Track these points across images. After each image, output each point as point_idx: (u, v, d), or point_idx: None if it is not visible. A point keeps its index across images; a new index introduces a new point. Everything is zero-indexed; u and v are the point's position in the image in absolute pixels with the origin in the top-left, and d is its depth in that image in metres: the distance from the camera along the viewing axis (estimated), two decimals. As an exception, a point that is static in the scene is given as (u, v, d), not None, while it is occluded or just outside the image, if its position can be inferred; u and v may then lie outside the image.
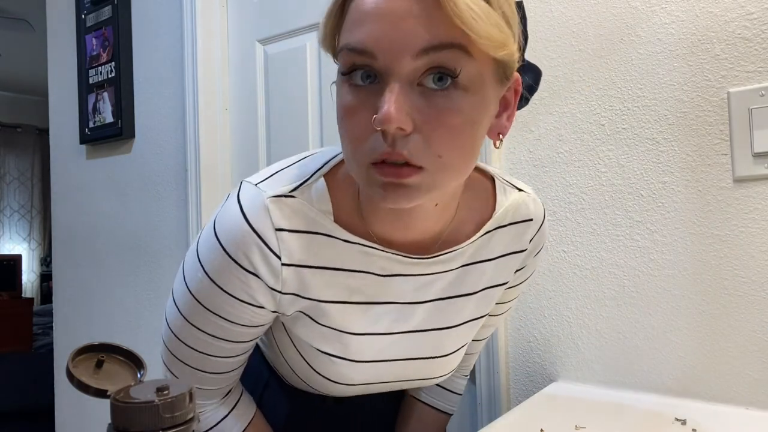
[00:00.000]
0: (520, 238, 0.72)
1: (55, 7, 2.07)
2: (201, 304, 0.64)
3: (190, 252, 0.66)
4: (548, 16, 1.10)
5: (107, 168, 1.90)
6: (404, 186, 0.51)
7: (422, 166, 0.51)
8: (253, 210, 0.60)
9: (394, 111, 0.48)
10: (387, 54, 0.49)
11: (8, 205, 5.90)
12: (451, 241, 0.67)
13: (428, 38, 0.48)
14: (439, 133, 0.50)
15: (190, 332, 0.66)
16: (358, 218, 0.64)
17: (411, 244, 0.65)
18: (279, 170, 0.64)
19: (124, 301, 1.84)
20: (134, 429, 0.37)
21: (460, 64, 0.49)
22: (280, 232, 0.60)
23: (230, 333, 0.66)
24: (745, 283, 0.92)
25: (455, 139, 0.51)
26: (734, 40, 0.93)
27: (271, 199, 0.60)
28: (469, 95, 0.51)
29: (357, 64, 0.51)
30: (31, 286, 6.00)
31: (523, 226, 0.72)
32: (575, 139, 1.07)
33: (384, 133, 0.50)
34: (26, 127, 5.97)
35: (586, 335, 1.06)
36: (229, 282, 0.61)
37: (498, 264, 0.72)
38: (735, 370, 0.93)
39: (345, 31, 0.52)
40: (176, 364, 0.70)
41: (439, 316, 0.71)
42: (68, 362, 0.43)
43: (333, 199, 0.63)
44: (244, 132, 1.64)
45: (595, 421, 0.85)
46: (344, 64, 0.52)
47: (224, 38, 1.67)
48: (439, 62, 0.49)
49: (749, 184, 0.92)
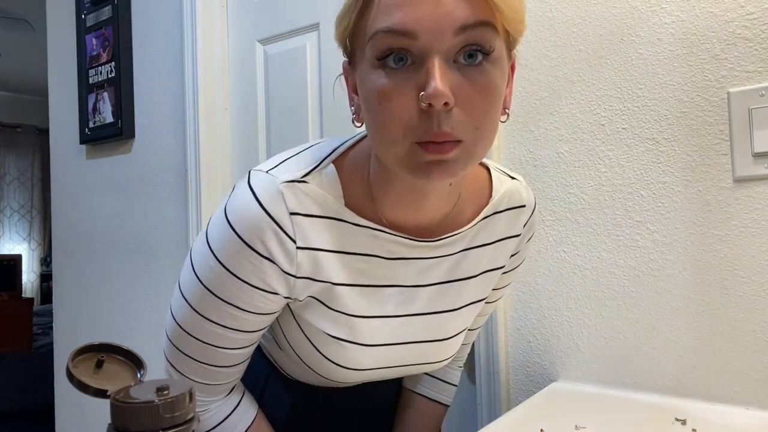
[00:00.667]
0: (515, 223, 0.76)
1: (55, 7, 2.07)
2: (212, 293, 0.64)
3: (198, 242, 0.66)
4: (548, 16, 1.10)
5: (107, 168, 1.90)
6: (447, 161, 0.54)
7: (461, 140, 0.53)
8: (267, 195, 0.61)
9: (441, 86, 0.50)
10: (429, 33, 0.51)
11: (8, 205, 5.90)
12: (453, 225, 0.70)
13: (465, 16, 0.51)
14: (476, 106, 0.53)
15: (200, 324, 0.66)
16: (367, 202, 0.66)
17: (418, 227, 0.68)
18: (288, 158, 0.66)
19: (124, 301, 1.84)
20: (134, 429, 0.37)
21: (491, 41, 0.53)
22: (295, 216, 0.62)
23: (241, 322, 0.66)
24: (745, 283, 0.92)
25: (489, 110, 0.54)
26: (734, 40, 0.93)
27: (284, 184, 0.61)
28: (496, 69, 0.54)
29: (394, 47, 0.52)
30: (31, 286, 6.00)
31: (517, 211, 0.76)
32: (575, 139, 1.08)
33: (428, 111, 0.52)
34: (26, 127, 5.97)
35: (586, 335, 1.06)
36: (243, 268, 0.62)
37: (496, 248, 0.76)
38: (735, 370, 0.93)
39: (378, 16, 0.54)
40: (181, 359, 0.69)
41: (442, 299, 0.73)
42: (68, 362, 0.43)
43: (343, 184, 0.65)
44: (244, 132, 1.64)
45: (595, 421, 0.85)
46: (378, 48, 0.53)
47: (224, 38, 1.67)
48: (474, 39, 0.52)
49: (749, 184, 0.92)
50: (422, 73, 0.52)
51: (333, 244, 0.65)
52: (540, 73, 1.11)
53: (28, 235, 6.00)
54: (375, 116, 0.55)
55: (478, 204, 0.72)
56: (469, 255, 0.73)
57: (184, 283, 0.67)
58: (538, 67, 1.11)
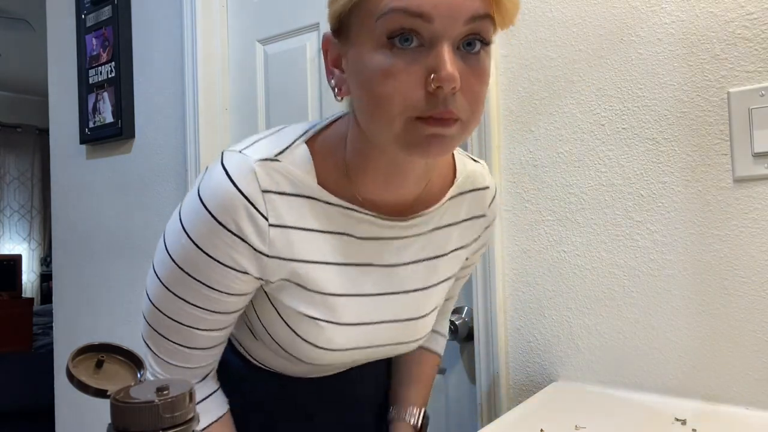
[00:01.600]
0: (479, 203, 0.80)
1: (55, 7, 2.07)
2: (183, 271, 0.64)
3: (171, 221, 0.67)
4: (548, 16, 1.10)
5: (107, 168, 1.90)
6: (446, 136, 0.56)
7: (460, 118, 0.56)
8: (240, 173, 0.62)
9: (452, 70, 0.53)
10: (444, 18, 0.53)
11: (8, 205, 5.89)
12: (422, 205, 0.72)
13: (476, 7, 0.54)
14: (474, 91, 0.57)
15: (173, 302, 0.67)
16: (341, 182, 0.67)
17: (392, 206, 0.70)
18: (259, 139, 0.67)
19: (124, 301, 1.84)
20: (134, 429, 0.37)
21: (491, 33, 0.57)
22: (267, 194, 0.63)
23: (212, 302, 0.66)
24: (745, 283, 0.92)
25: (482, 94, 0.58)
26: (734, 40, 0.93)
27: (257, 163, 0.63)
28: (489, 58, 0.58)
29: (405, 27, 0.54)
30: (31, 286, 6.00)
31: (481, 193, 0.80)
32: (575, 139, 1.07)
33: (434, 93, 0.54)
34: (26, 127, 5.97)
35: (586, 335, 1.06)
36: (215, 246, 0.62)
37: (463, 227, 0.79)
38: (735, 370, 0.93)
39: None
40: (156, 339, 0.70)
41: (416, 277, 0.75)
42: (68, 362, 0.43)
43: (316, 164, 0.66)
44: (244, 132, 1.64)
45: (595, 421, 0.85)
46: (389, 27, 0.54)
47: (224, 38, 1.67)
48: (478, 29, 0.55)
49: (749, 184, 0.92)
50: (431, 56, 0.54)
51: (305, 221, 0.66)
52: (540, 73, 1.11)
53: (28, 235, 6.00)
54: (375, 93, 0.56)
55: (443, 184, 0.75)
56: (438, 234, 0.76)
57: (157, 263, 0.68)
58: (538, 67, 1.11)
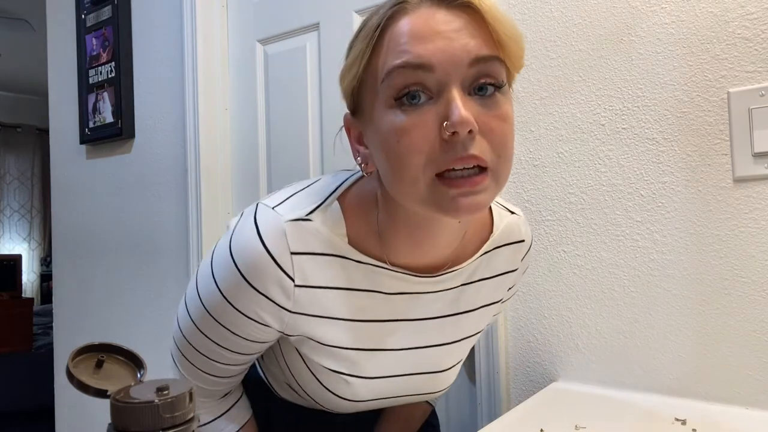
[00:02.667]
0: (513, 257, 0.77)
1: (55, 7, 2.07)
2: (210, 315, 0.66)
3: (203, 263, 0.68)
4: (548, 16, 1.10)
5: (107, 168, 1.90)
6: (477, 193, 0.53)
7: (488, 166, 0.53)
8: (270, 234, 0.62)
9: (465, 113, 0.51)
10: (446, 64, 0.52)
11: (8, 205, 5.89)
12: (456, 260, 0.70)
13: (478, 49, 0.53)
14: (495, 135, 0.54)
15: (198, 337, 0.70)
16: (371, 240, 0.66)
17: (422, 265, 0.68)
18: (293, 194, 0.67)
19: (124, 300, 1.84)
20: (134, 429, 0.37)
21: (501, 74, 0.55)
22: (296, 255, 0.63)
23: (235, 344, 0.69)
24: (745, 283, 0.92)
25: (507, 139, 0.55)
26: (734, 40, 0.93)
27: (288, 223, 0.62)
28: (507, 100, 0.56)
29: (409, 83, 0.53)
30: (31, 286, 5.99)
31: (516, 246, 0.76)
32: (575, 139, 1.07)
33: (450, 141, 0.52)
34: (26, 127, 5.96)
35: (586, 335, 1.06)
36: (240, 300, 0.64)
37: (494, 282, 0.76)
38: (735, 370, 0.93)
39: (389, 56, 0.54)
40: (184, 362, 0.74)
41: (441, 332, 0.74)
42: (68, 362, 0.43)
43: (347, 221, 0.65)
44: (244, 132, 1.64)
45: (595, 421, 0.85)
46: (395, 86, 0.53)
47: (224, 38, 1.67)
48: (487, 71, 0.53)
49: (749, 184, 0.92)
50: (441, 104, 0.52)
51: (334, 280, 0.66)
52: (540, 73, 1.11)
53: (28, 235, 6.00)
54: (393, 155, 0.54)
55: (479, 239, 0.72)
56: (467, 290, 0.73)
57: (188, 297, 0.70)
58: (538, 67, 1.11)
